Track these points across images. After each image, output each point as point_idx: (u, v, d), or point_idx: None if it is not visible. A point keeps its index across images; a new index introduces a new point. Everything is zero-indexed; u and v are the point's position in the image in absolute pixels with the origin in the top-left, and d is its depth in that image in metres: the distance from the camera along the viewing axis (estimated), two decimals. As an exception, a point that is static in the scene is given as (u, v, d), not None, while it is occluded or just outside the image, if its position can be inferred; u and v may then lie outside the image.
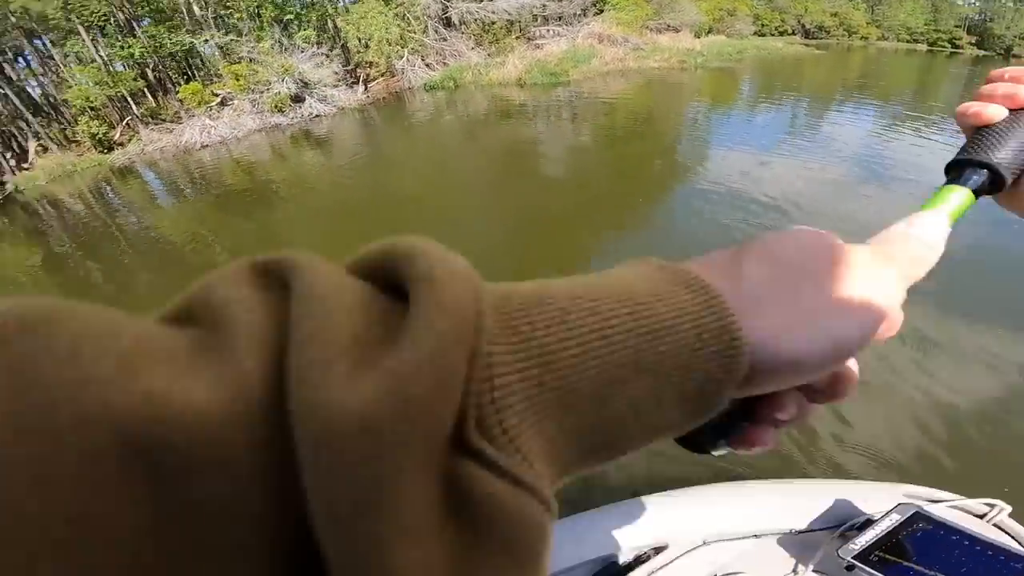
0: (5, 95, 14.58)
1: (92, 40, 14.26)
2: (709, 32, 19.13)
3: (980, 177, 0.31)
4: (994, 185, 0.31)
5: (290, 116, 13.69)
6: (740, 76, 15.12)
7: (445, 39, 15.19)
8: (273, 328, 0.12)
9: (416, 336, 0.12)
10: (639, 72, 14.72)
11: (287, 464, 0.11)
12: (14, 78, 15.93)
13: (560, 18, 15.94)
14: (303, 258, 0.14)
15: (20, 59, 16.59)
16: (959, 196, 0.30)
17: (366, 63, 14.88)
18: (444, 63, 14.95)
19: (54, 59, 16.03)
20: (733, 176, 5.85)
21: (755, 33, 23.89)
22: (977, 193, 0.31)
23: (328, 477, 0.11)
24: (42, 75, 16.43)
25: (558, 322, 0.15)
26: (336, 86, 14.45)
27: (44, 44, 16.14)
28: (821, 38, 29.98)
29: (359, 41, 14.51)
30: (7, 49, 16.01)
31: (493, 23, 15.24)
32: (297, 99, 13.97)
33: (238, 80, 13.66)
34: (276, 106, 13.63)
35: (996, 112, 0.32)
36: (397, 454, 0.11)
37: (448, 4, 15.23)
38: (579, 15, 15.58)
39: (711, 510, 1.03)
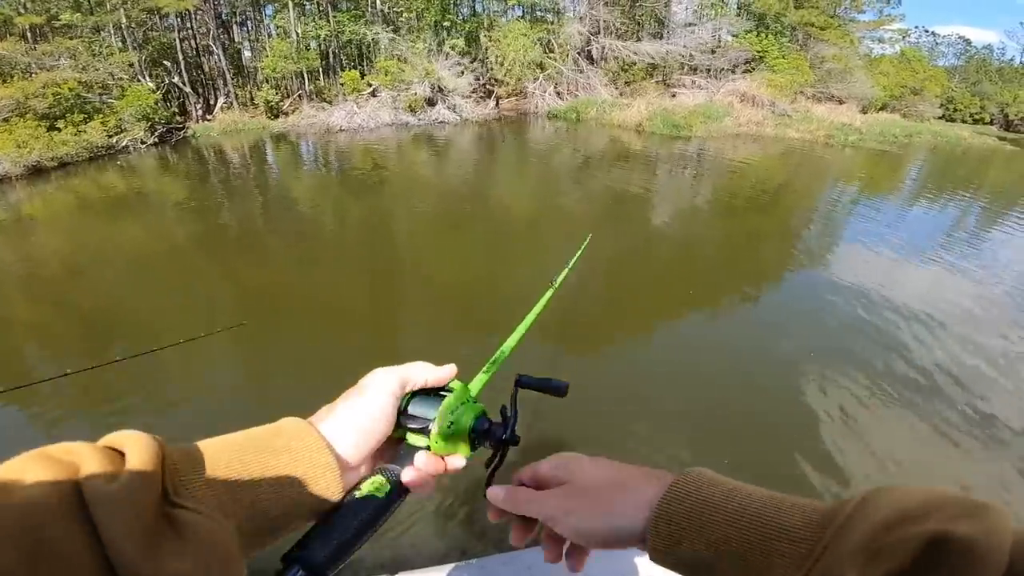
0: (218, 53, 17.49)
1: (296, 18, 16.60)
2: (882, 109, 17.00)
3: None
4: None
5: (419, 117, 14.82)
6: (902, 163, 13.14)
7: (582, 71, 15.31)
8: None
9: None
10: (775, 140, 13.49)
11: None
12: (236, 39, 19.16)
13: (709, 70, 15.22)
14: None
15: (246, 25, 19.89)
16: None
17: (499, 81, 15.53)
18: (574, 94, 15.08)
19: (264, 27, 19.00)
20: (866, 276, 5.03)
21: (942, 117, 20.81)
22: None
23: None
24: (255, 41, 19.48)
25: None
26: (468, 97, 15.30)
27: (265, 14, 19.10)
28: (1024, 131, 25.07)
29: (495, 58, 15.21)
30: (237, 13, 19.29)
31: (633, 64, 15.03)
32: (430, 103, 15.06)
33: (387, 75, 15.11)
34: (410, 106, 14.84)
35: None
36: None
37: (594, 38, 15.35)
38: (727, 70, 14.73)
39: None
